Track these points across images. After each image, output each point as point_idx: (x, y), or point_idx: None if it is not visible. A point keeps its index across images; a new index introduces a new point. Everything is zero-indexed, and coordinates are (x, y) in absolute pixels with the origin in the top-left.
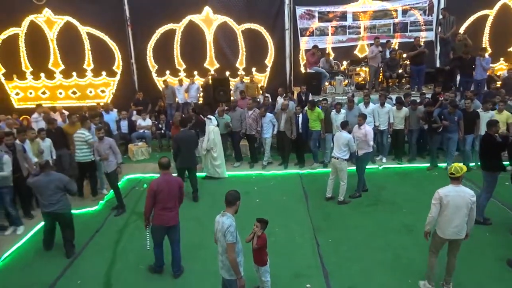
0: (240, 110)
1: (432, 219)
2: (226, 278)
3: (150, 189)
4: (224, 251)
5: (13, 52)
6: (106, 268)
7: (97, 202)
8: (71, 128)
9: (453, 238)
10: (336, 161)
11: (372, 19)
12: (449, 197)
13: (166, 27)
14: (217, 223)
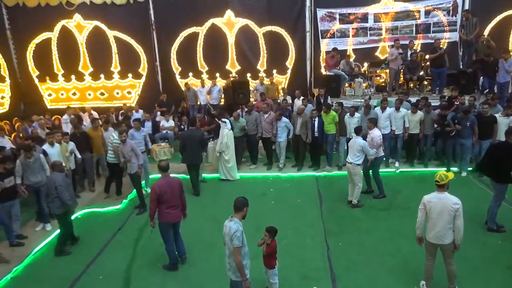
0: (256, 113)
1: (419, 224)
2: (232, 279)
3: (153, 193)
4: (231, 254)
5: (46, 56)
6: (126, 264)
7: (120, 201)
8: (94, 132)
9: (437, 243)
10: (349, 166)
11: (393, 20)
12: (431, 203)
13: (189, 31)
14: (225, 227)
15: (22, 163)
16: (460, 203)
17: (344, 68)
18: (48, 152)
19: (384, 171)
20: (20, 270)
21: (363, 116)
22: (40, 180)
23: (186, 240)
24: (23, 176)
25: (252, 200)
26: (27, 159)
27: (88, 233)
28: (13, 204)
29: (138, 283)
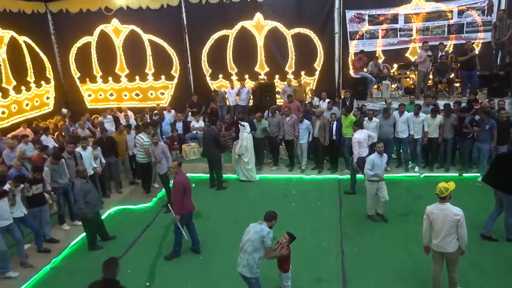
0: (279, 116)
1: (424, 233)
2: (247, 275)
3: (180, 185)
4: (253, 252)
5: (86, 58)
6: (152, 260)
7: (150, 199)
8: (119, 136)
9: (441, 251)
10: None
11: (425, 21)
12: (434, 214)
13: (220, 33)
14: (254, 228)
15: (50, 168)
16: (461, 213)
17: (372, 69)
18: (83, 155)
19: (407, 176)
20: (58, 262)
21: (383, 120)
22: (66, 181)
23: (205, 239)
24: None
25: (273, 201)
26: (54, 165)
27: (120, 228)
28: (42, 209)
29: (161, 278)
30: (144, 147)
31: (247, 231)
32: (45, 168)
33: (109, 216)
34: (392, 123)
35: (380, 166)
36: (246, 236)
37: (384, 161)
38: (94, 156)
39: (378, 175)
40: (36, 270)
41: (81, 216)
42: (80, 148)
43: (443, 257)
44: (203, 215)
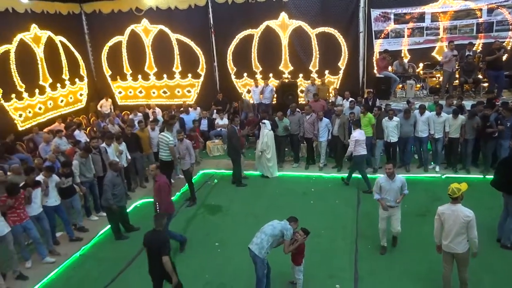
0: (298, 114)
1: (435, 233)
2: (255, 253)
3: (167, 186)
4: (271, 235)
5: (117, 57)
6: (173, 250)
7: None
8: (141, 133)
9: (451, 251)
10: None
11: (452, 20)
12: (445, 214)
13: (245, 33)
14: (278, 224)
15: (79, 161)
16: (472, 215)
17: (397, 69)
18: (108, 151)
19: (427, 176)
20: (87, 249)
21: (403, 120)
22: (92, 176)
23: (224, 233)
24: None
25: (292, 199)
26: (82, 158)
27: (144, 220)
28: (73, 200)
29: (180, 267)
30: (169, 145)
31: (270, 222)
32: (75, 161)
33: (135, 208)
34: (413, 122)
35: (390, 192)
36: (269, 223)
37: (395, 185)
38: (119, 152)
39: (380, 202)
40: (67, 256)
41: (107, 207)
42: (104, 144)
43: (453, 257)
44: (223, 209)
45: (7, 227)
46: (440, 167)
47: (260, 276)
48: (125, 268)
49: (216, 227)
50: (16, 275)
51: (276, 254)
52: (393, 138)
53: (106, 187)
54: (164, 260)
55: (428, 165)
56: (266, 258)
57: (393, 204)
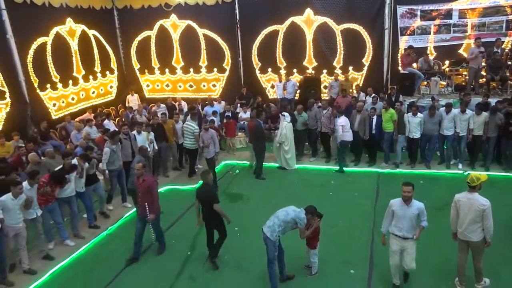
0: (316, 109)
1: (451, 220)
2: (267, 235)
3: (156, 185)
4: (284, 221)
5: (146, 51)
6: (194, 234)
7: (197, 181)
8: (165, 124)
9: (465, 239)
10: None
11: (481, 17)
12: (460, 202)
13: (270, 28)
14: (293, 211)
15: (110, 149)
16: (487, 204)
17: (422, 66)
18: (137, 138)
19: (449, 172)
20: (114, 229)
21: (428, 117)
22: (121, 164)
23: (244, 219)
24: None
25: (311, 190)
26: (113, 145)
27: (168, 205)
28: (96, 187)
29: (200, 249)
30: (195, 134)
31: (285, 207)
32: (106, 148)
33: (160, 194)
34: (437, 121)
35: (404, 219)
36: (284, 208)
37: (411, 212)
38: (149, 141)
39: (383, 237)
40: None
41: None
42: (135, 132)
43: (468, 246)
44: (244, 198)
45: (38, 210)
46: (463, 164)
47: (271, 257)
48: (147, 248)
49: (236, 214)
50: (43, 255)
51: (292, 239)
52: (416, 135)
53: (134, 171)
54: (215, 207)
55: (451, 161)
56: (277, 241)
57: (407, 235)
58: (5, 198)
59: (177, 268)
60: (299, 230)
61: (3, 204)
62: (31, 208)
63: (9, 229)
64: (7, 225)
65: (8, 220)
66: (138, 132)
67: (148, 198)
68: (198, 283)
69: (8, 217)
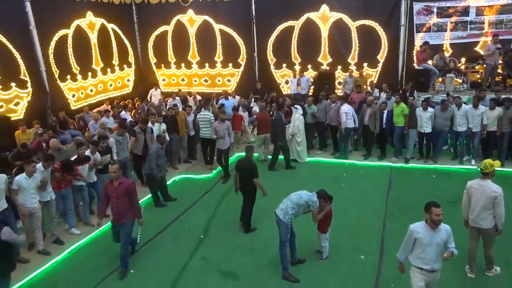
0: (325, 102)
1: (463, 207)
2: (280, 217)
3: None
4: (296, 204)
5: (163, 46)
6: (207, 219)
7: (211, 171)
8: (177, 115)
9: (476, 226)
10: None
11: (499, 14)
12: (472, 189)
13: (286, 24)
14: (305, 195)
15: (115, 139)
16: (499, 191)
17: (437, 62)
18: (153, 129)
19: (463, 168)
20: None
21: (439, 112)
22: (126, 156)
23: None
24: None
25: (323, 182)
26: (119, 136)
27: (182, 193)
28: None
29: (213, 233)
30: (211, 122)
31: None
32: (111, 138)
33: (174, 182)
34: (449, 116)
35: (430, 248)
36: (297, 192)
37: (439, 239)
38: (162, 131)
39: (400, 265)
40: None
41: (151, 175)
42: (150, 124)
43: (479, 233)
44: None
45: (52, 193)
46: (476, 160)
47: (283, 239)
48: (161, 231)
49: None
50: (54, 239)
51: (304, 224)
52: (427, 129)
53: (151, 157)
54: (255, 181)
55: (464, 157)
56: (290, 224)
57: (435, 267)
58: (20, 178)
59: (191, 250)
60: (311, 214)
61: (18, 183)
62: (45, 190)
63: (23, 207)
64: (22, 205)
65: (24, 200)
66: (152, 122)
67: (125, 203)
68: (210, 263)
69: (23, 197)
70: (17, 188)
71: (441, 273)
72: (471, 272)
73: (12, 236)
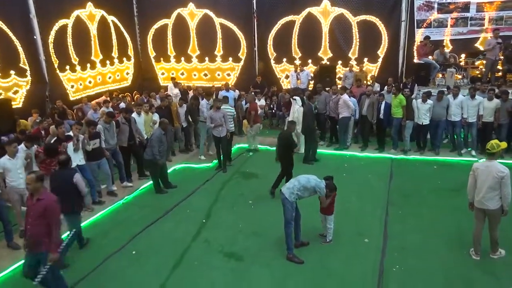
0: (325, 94)
1: (468, 189)
2: (285, 195)
3: (58, 210)
4: (304, 185)
5: (162, 39)
6: (209, 205)
7: (212, 160)
8: (171, 107)
9: (482, 208)
10: None
11: (499, 10)
12: (479, 170)
13: (287, 19)
14: (314, 180)
15: (103, 126)
16: (506, 171)
17: (438, 58)
18: (136, 120)
19: (464, 160)
20: (130, 199)
21: (436, 102)
22: (114, 144)
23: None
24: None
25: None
26: (106, 123)
27: (183, 181)
28: (101, 163)
29: (215, 218)
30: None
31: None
32: (99, 125)
33: (174, 171)
34: (445, 105)
35: None
36: (306, 175)
37: None
38: (153, 122)
39: None
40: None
41: (151, 162)
42: (135, 114)
43: (485, 214)
44: (258, 176)
45: None
46: (476, 151)
47: (289, 218)
48: (163, 215)
49: (250, 190)
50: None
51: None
52: (425, 121)
53: (154, 143)
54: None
55: (462, 150)
56: (295, 203)
57: None
58: (3, 160)
59: (193, 233)
60: (320, 199)
61: (2, 165)
62: (32, 169)
63: (12, 190)
64: (10, 187)
65: (10, 181)
66: (137, 113)
67: (42, 226)
68: (213, 245)
69: (11, 178)
70: (2, 170)
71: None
72: (476, 255)
73: (81, 183)
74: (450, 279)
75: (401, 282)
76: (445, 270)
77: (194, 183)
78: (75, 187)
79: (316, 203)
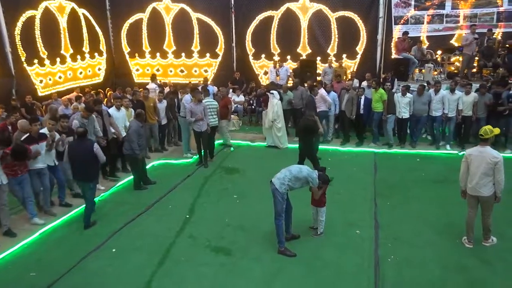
0: (301, 88)
1: (461, 176)
2: (276, 186)
3: None
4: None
5: (137, 34)
6: (192, 200)
7: (191, 157)
8: (146, 101)
9: (475, 194)
10: None
11: (473, 8)
12: (472, 156)
13: (265, 14)
14: (306, 170)
15: (79, 122)
16: (500, 157)
17: (415, 54)
18: (113, 114)
19: (445, 153)
20: (106, 196)
21: (416, 97)
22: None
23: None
24: None
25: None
26: (83, 118)
27: (162, 177)
28: None
29: (199, 213)
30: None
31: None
32: (74, 121)
33: (152, 167)
34: (426, 101)
35: None
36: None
37: None
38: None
39: None
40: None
41: (131, 156)
42: (113, 108)
43: (478, 202)
44: (240, 171)
45: (3, 177)
46: (450, 145)
47: (279, 210)
48: (143, 211)
49: (234, 184)
50: (5, 229)
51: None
52: (405, 115)
53: (132, 137)
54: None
55: (440, 143)
56: (285, 194)
57: None
58: None
59: (177, 228)
60: (312, 190)
61: None
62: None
63: None
64: None
65: None
66: (117, 108)
67: None
68: (199, 240)
69: None
70: None
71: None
72: (469, 243)
73: (100, 152)
74: (446, 267)
75: (398, 271)
76: (440, 259)
77: (174, 178)
78: (95, 156)
79: (304, 196)
